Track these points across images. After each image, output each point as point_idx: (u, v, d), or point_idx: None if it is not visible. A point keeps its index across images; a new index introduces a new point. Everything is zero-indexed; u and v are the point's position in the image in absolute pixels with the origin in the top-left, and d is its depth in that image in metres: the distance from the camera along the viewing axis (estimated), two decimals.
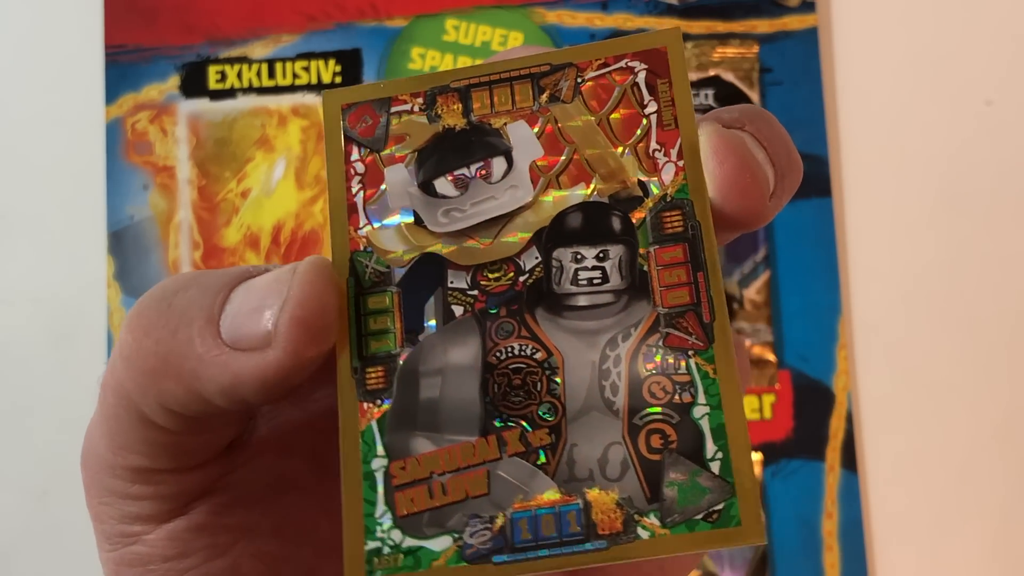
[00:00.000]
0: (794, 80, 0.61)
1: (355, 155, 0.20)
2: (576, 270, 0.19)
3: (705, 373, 0.18)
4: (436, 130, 0.20)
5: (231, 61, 0.63)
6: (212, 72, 0.63)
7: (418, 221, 0.20)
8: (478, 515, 0.18)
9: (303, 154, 0.62)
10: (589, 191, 0.20)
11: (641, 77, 0.20)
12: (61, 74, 0.65)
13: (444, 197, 0.20)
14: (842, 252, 0.60)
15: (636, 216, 0.19)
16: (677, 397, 0.18)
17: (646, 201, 0.19)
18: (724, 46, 0.61)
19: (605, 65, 0.20)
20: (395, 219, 0.20)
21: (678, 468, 0.18)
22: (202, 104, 0.63)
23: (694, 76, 0.61)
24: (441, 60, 0.62)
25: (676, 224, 0.19)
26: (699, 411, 0.18)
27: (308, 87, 0.63)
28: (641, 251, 0.19)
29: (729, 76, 0.61)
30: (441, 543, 0.18)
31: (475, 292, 0.19)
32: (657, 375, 0.18)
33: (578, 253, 0.19)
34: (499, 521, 0.18)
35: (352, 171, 0.20)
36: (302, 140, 0.62)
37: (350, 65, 0.63)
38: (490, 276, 0.19)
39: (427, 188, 0.20)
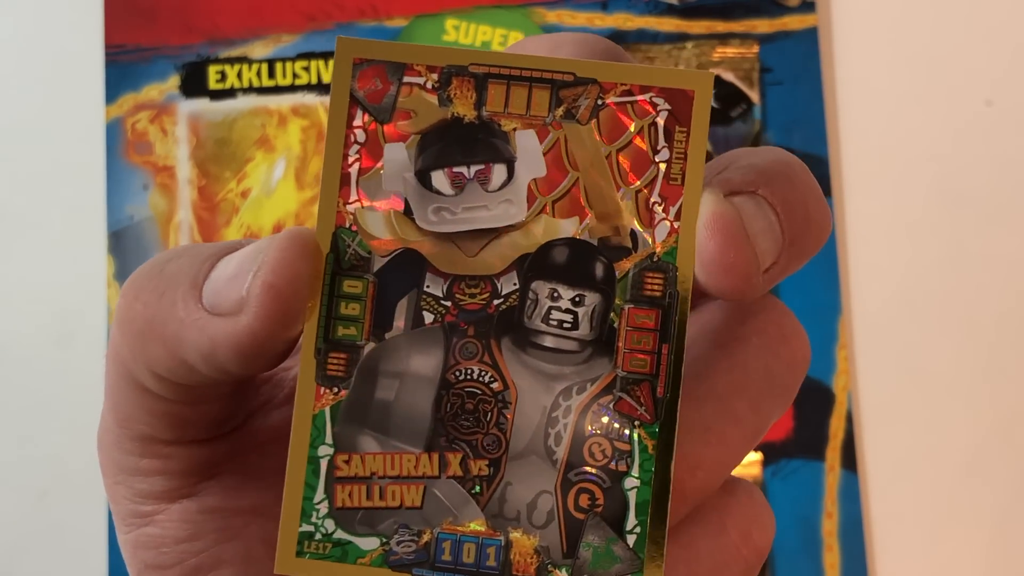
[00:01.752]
0: (794, 80, 0.61)
1: (358, 120, 0.19)
2: (550, 308, 0.19)
3: (645, 447, 0.19)
4: (444, 115, 0.19)
5: (231, 61, 0.63)
6: (212, 72, 0.63)
7: (407, 211, 0.19)
8: (408, 526, 0.19)
9: (303, 154, 0.62)
10: (580, 228, 0.19)
11: (662, 118, 0.19)
12: (61, 74, 0.65)
13: (438, 193, 0.19)
14: (842, 252, 0.60)
15: (620, 267, 0.19)
16: (614, 464, 0.19)
17: (633, 254, 0.19)
18: (724, 46, 0.61)
19: (629, 93, 0.19)
20: (385, 203, 0.19)
21: (597, 531, 0.19)
22: (202, 104, 0.63)
23: None
24: None
25: (656, 288, 0.19)
26: (630, 483, 0.19)
27: (308, 87, 0.63)
28: (617, 302, 0.19)
29: (729, 76, 0.61)
30: (369, 543, 0.19)
31: (448, 303, 0.19)
32: (600, 437, 0.19)
33: (555, 291, 0.19)
34: (425, 537, 0.19)
35: (352, 137, 0.19)
36: (302, 140, 0.63)
37: None
38: (466, 291, 0.19)
39: (423, 178, 0.19)
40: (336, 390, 0.19)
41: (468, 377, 0.19)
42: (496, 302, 0.19)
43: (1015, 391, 0.59)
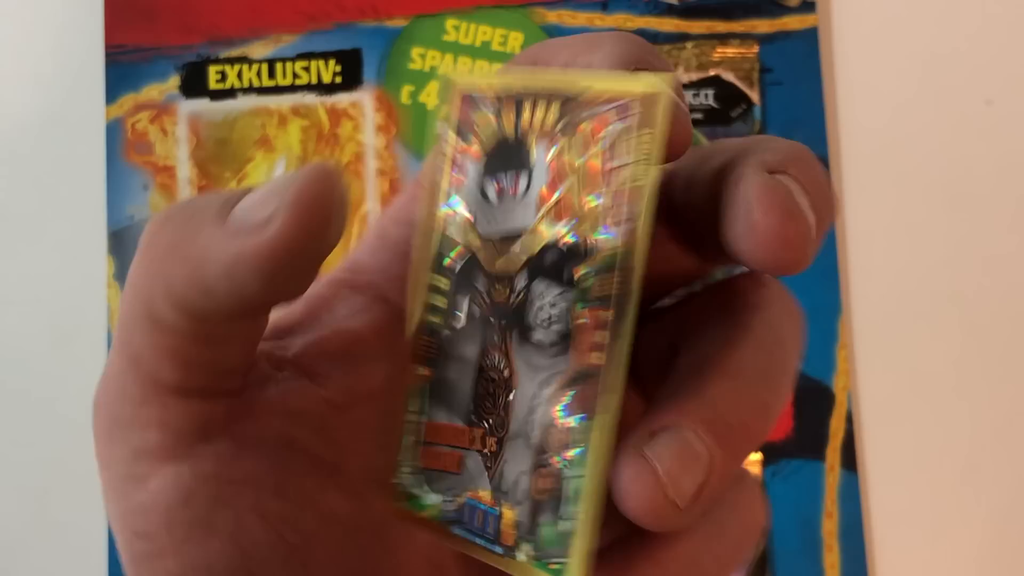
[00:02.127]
0: (794, 80, 0.61)
1: (453, 143, 0.23)
2: (539, 306, 0.21)
3: (588, 440, 0.20)
4: (498, 134, 0.22)
5: (231, 61, 0.63)
6: (212, 72, 0.63)
7: (474, 219, 0.23)
8: (452, 488, 0.22)
9: (303, 154, 0.62)
10: (566, 231, 0.21)
11: (631, 121, 0.20)
12: (61, 74, 0.65)
13: (489, 202, 0.22)
14: (842, 252, 0.60)
15: (584, 267, 0.21)
16: (564, 451, 0.20)
17: (595, 255, 0.21)
18: (724, 46, 0.61)
19: (608, 101, 0.20)
20: (463, 213, 0.23)
21: (548, 514, 0.20)
22: (202, 104, 0.63)
23: (695, 76, 0.61)
24: (441, 60, 0.62)
25: (607, 288, 0.20)
26: (570, 472, 0.20)
27: (308, 87, 0.63)
28: (578, 301, 0.21)
29: (729, 76, 0.61)
30: (432, 499, 0.22)
31: (488, 300, 0.22)
32: (558, 426, 0.21)
33: (544, 291, 0.21)
34: (460, 500, 0.22)
35: (451, 158, 0.23)
36: (302, 140, 0.63)
37: (350, 65, 0.63)
38: (497, 288, 0.22)
39: (482, 190, 0.22)
40: (429, 366, 0.23)
41: (492, 364, 0.22)
42: (512, 299, 0.22)
43: (1015, 391, 0.59)
